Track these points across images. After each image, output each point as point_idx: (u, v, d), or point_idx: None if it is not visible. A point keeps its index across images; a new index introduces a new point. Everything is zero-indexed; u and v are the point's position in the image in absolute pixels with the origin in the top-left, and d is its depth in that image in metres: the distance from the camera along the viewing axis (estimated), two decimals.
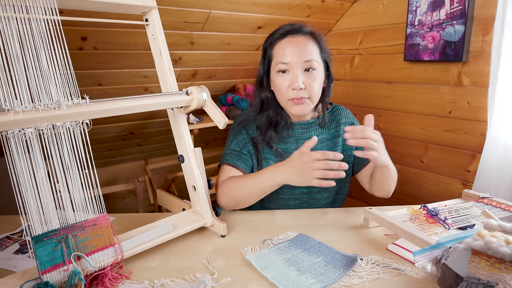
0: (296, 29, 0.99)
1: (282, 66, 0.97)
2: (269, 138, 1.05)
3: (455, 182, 1.60)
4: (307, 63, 0.97)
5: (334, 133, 1.09)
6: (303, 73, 0.97)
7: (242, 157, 1.06)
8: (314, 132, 1.08)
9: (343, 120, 1.10)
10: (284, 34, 0.99)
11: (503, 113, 1.33)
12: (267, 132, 1.05)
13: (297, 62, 0.96)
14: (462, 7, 1.41)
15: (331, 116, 1.11)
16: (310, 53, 0.97)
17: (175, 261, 0.76)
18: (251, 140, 1.07)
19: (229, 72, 2.12)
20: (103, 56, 1.59)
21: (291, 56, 0.96)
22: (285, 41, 0.98)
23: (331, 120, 1.11)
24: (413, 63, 1.68)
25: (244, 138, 1.08)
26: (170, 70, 0.87)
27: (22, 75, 0.63)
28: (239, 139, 1.08)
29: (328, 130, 1.09)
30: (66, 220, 0.67)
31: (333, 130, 1.10)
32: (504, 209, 0.86)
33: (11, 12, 0.62)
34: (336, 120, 1.10)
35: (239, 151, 1.07)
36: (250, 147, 1.07)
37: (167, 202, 1.02)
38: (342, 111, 1.12)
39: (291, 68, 0.97)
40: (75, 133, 0.67)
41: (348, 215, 0.97)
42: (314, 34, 1.01)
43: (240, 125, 1.10)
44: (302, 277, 0.68)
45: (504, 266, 0.52)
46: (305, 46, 0.97)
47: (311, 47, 0.98)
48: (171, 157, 2.75)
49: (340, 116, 1.11)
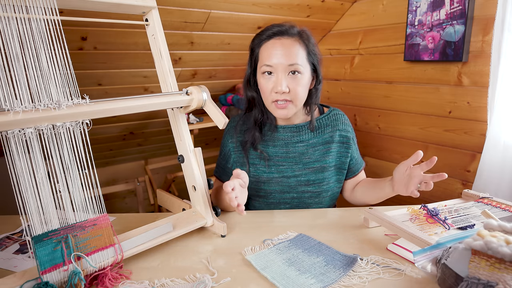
0: (283, 31, 0.97)
1: (267, 68, 0.97)
2: (253, 138, 1.05)
3: (455, 182, 1.60)
4: (292, 67, 0.95)
5: (328, 138, 1.06)
6: (288, 76, 0.96)
7: (226, 170, 1.12)
8: (306, 136, 1.06)
9: (340, 126, 1.07)
10: (271, 35, 0.98)
11: (503, 113, 1.33)
12: (253, 132, 1.05)
13: (282, 65, 0.95)
14: (462, 7, 1.41)
15: (327, 120, 1.08)
16: (295, 56, 0.95)
17: (175, 261, 0.76)
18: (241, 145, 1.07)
19: (229, 72, 2.12)
20: (103, 56, 1.59)
21: (276, 58, 0.95)
22: (271, 42, 0.97)
23: (326, 124, 1.07)
24: (413, 63, 1.68)
25: (229, 149, 1.10)
26: (170, 70, 0.87)
27: (22, 75, 0.63)
28: (225, 152, 1.12)
29: (321, 135, 1.06)
30: (66, 220, 0.67)
31: (327, 135, 1.06)
32: (504, 209, 0.86)
33: (11, 12, 0.62)
34: (332, 125, 1.07)
35: (224, 164, 1.12)
36: (235, 157, 1.09)
37: (167, 202, 1.02)
38: (339, 117, 1.09)
39: (275, 71, 0.96)
40: (75, 133, 0.67)
41: (348, 215, 0.97)
42: (302, 36, 0.99)
43: (227, 135, 1.11)
44: (302, 277, 0.68)
45: (504, 266, 0.52)
46: (291, 49, 0.95)
47: (297, 50, 0.96)
48: (171, 157, 2.75)
49: (337, 121, 1.07)
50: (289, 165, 1.05)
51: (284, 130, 1.06)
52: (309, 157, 1.05)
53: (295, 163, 1.05)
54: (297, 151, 1.05)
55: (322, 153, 1.05)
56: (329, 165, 1.05)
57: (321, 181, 1.04)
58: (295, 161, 1.05)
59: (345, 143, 1.07)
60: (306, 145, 1.05)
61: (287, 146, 1.05)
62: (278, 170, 1.05)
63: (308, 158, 1.05)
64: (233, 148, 1.09)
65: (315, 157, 1.05)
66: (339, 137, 1.06)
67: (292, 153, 1.05)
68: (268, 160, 1.05)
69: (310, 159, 1.05)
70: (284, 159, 1.05)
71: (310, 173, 1.04)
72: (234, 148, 1.09)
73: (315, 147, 1.05)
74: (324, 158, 1.05)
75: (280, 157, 1.05)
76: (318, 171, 1.04)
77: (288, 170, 1.05)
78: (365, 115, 1.96)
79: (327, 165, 1.05)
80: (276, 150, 1.06)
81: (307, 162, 1.04)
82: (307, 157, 1.05)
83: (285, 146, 1.06)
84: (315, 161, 1.05)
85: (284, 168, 1.05)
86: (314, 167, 1.04)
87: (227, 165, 1.11)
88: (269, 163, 1.05)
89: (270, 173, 1.05)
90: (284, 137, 1.06)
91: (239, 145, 1.08)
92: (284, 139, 1.06)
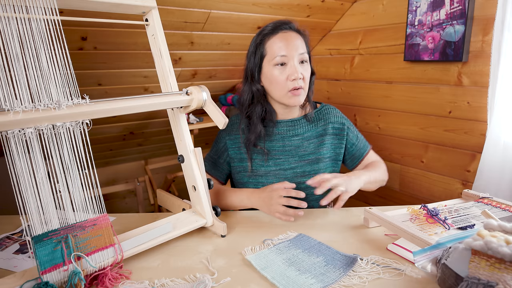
0: (286, 25, 1.04)
1: (280, 60, 1.01)
2: (258, 133, 1.07)
3: (455, 182, 1.60)
4: (302, 56, 1.02)
5: (321, 131, 1.11)
6: (299, 65, 1.02)
7: (218, 165, 1.14)
8: (301, 129, 1.10)
9: (332, 119, 1.12)
10: (276, 29, 1.03)
11: (503, 113, 1.33)
12: (258, 128, 1.07)
13: (294, 54, 1.00)
14: (462, 7, 1.41)
15: (319, 114, 1.13)
16: (303, 47, 1.03)
17: (175, 261, 0.76)
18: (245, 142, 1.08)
19: (229, 72, 2.12)
20: (103, 56, 1.59)
21: (288, 49, 1.00)
22: (278, 36, 1.02)
23: (319, 118, 1.13)
24: (413, 63, 1.68)
25: (224, 145, 1.12)
26: (170, 70, 0.87)
27: (22, 75, 0.63)
28: (219, 147, 1.14)
29: (315, 128, 1.11)
30: (66, 220, 0.67)
31: (320, 128, 1.11)
32: (504, 209, 0.86)
33: (11, 12, 0.62)
34: (324, 119, 1.12)
35: (216, 159, 1.14)
36: (232, 154, 1.11)
37: (167, 202, 1.02)
38: (331, 110, 1.14)
39: (288, 61, 1.01)
40: (75, 133, 0.67)
41: (348, 215, 0.97)
42: (300, 30, 1.06)
43: (223, 131, 1.13)
44: (302, 277, 0.68)
45: (504, 266, 0.52)
46: (297, 40, 1.02)
47: (301, 41, 1.03)
48: (171, 157, 2.75)
49: (329, 115, 1.13)
50: (285, 158, 1.08)
51: (280, 124, 1.10)
52: (304, 149, 1.09)
53: (291, 156, 1.09)
54: (293, 144, 1.09)
55: (317, 146, 1.10)
56: (324, 157, 1.10)
57: (316, 172, 1.08)
58: (291, 154, 1.09)
59: (338, 134, 1.12)
60: (301, 138, 1.10)
61: (283, 140, 1.09)
62: (275, 163, 1.08)
63: (303, 150, 1.09)
64: (230, 145, 1.11)
65: (310, 149, 1.09)
66: (332, 129, 1.12)
67: (289, 147, 1.09)
68: (266, 154, 1.08)
69: (305, 151, 1.09)
70: (281, 153, 1.09)
71: (305, 165, 1.08)
72: (232, 145, 1.11)
73: (309, 140, 1.10)
74: (318, 150, 1.10)
75: (277, 151, 1.09)
76: (313, 163, 1.09)
77: (285, 163, 1.08)
78: (365, 115, 1.96)
79: (322, 156, 1.10)
80: (273, 144, 1.09)
81: (302, 154, 1.09)
82: (302, 149, 1.09)
83: (281, 140, 1.10)
84: (310, 153, 1.09)
85: (281, 161, 1.08)
86: (310, 159, 1.09)
87: (219, 160, 1.14)
88: (266, 157, 1.08)
89: (267, 166, 1.08)
90: (280, 131, 1.10)
91: (237, 142, 1.10)
92: (280, 133, 1.10)
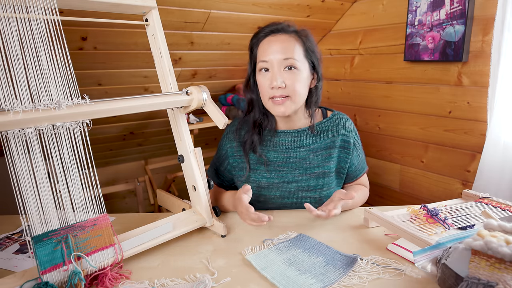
0: (279, 28, 0.98)
1: (263, 65, 0.96)
2: (251, 141, 1.03)
3: (455, 182, 1.60)
4: (287, 61, 0.94)
5: (330, 143, 1.03)
6: (284, 71, 0.95)
7: (219, 173, 1.13)
8: (306, 141, 1.03)
9: (343, 131, 1.04)
10: (267, 33, 0.98)
11: (503, 113, 1.33)
12: (251, 135, 1.03)
13: (277, 60, 0.94)
14: (462, 7, 1.41)
15: (329, 124, 1.05)
16: (291, 51, 0.94)
17: (175, 261, 0.76)
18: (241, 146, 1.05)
19: (229, 72, 2.12)
20: (103, 56, 1.59)
21: (271, 54, 0.95)
22: (267, 39, 0.97)
23: (329, 128, 1.04)
24: (413, 63, 1.68)
25: (226, 152, 1.09)
26: (170, 70, 0.87)
27: (22, 75, 0.63)
28: (220, 154, 1.11)
29: (323, 140, 1.03)
30: (66, 220, 0.67)
31: (329, 140, 1.03)
32: (504, 209, 0.86)
33: (11, 12, 0.62)
34: (335, 130, 1.04)
35: (218, 167, 1.13)
36: (233, 162, 1.07)
37: (167, 202, 1.02)
38: (343, 121, 1.05)
39: (270, 67, 0.95)
40: (75, 133, 0.67)
41: (348, 215, 0.97)
42: (299, 33, 0.98)
43: (225, 138, 1.10)
44: (302, 277, 0.68)
45: (504, 266, 0.52)
46: (286, 44, 0.95)
47: (293, 45, 0.95)
48: (171, 157, 2.75)
49: (340, 126, 1.05)
50: (289, 170, 1.03)
51: (285, 135, 1.04)
52: (310, 162, 1.03)
53: (295, 168, 1.03)
54: (298, 156, 1.03)
55: (324, 159, 1.03)
56: (330, 171, 1.03)
57: (322, 186, 1.03)
58: (296, 166, 1.03)
59: (346, 148, 1.04)
60: (307, 150, 1.03)
61: (288, 151, 1.03)
62: (278, 175, 1.03)
63: (309, 163, 1.03)
64: (231, 153, 1.07)
65: (316, 162, 1.03)
66: (341, 141, 1.04)
67: (293, 158, 1.03)
68: (268, 165, 1.03)
69: (311, 164, 1.03)
70: (284, 164, 1.03)
71: (311, 179, 1.02)
72: (233, 153, 1.07)
73: (316, 152, 1.03)
74: (325, 164, 1.03)
75: (281, 162, 1.03)
76: (319, 177, 1.03)
77: (289, 176, 1.03)
78: (365, 115, 1.96)
79: (328, 170, 1.03)
80: (276, 155, 1.04)
81: (308, 167, 1.03)
82: (308, 162, 1.03)
83: (286, 151, 1.04)
84: (316, 167, 1.03)
85: (285, 173, 1.03)
86: (315, 173, 1.02)
87: (220, 168, 1.12)
88: (269, 168, 1.03)
89: (270, 178, 1.04)
90: (285, 142, 1.04)
91: (238, 150, 1.06)
92: (285, 144, 1.04)
